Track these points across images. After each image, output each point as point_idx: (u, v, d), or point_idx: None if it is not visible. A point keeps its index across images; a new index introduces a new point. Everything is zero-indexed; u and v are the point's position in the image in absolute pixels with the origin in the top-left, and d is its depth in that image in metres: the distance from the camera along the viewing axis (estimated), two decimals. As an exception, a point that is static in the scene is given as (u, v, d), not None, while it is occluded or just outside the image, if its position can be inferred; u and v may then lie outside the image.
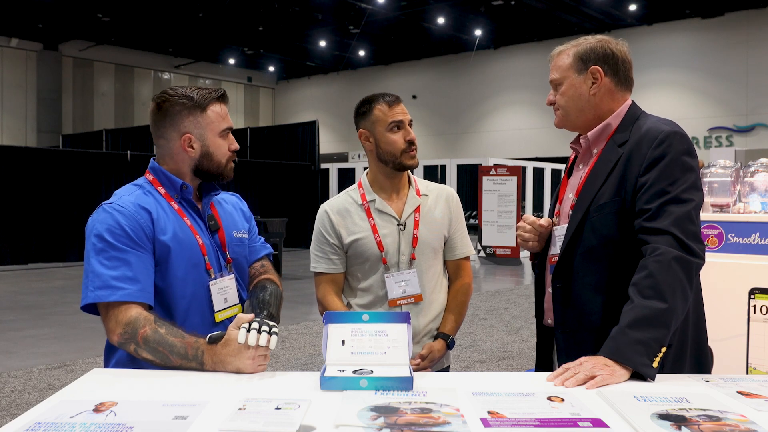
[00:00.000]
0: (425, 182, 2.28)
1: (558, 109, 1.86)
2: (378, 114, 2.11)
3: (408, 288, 2.12)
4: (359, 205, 2.17)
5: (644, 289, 1.56)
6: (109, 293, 1.63)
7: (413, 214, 2.16)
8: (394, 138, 2.09)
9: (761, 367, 2.61)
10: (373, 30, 21.32)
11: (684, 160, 1.66)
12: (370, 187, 2.19)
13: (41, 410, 1.27)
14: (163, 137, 1.80)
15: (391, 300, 2.11)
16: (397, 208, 2.16)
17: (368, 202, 2.16)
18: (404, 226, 2.14)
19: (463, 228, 2.27)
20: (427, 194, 2.22)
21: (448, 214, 2.22)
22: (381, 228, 2.13)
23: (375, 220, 2.14)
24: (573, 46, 1.83)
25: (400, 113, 2.10)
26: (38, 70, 23.66)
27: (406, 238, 2.13)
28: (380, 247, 2.12)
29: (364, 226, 2.13)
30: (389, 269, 2.12)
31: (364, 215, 2.15)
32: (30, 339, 6.23)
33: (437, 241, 2.18)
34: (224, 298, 1.83)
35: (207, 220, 1.85)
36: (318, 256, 2.19)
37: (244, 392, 1.38)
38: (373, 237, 2.12)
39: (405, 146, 2.10)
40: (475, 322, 7.24)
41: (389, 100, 2.12)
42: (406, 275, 2.12)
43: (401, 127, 2.10)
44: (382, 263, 2.12)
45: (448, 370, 2.26)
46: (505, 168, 13.13)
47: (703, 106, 20.08)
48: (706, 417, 1.23)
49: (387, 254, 2.12)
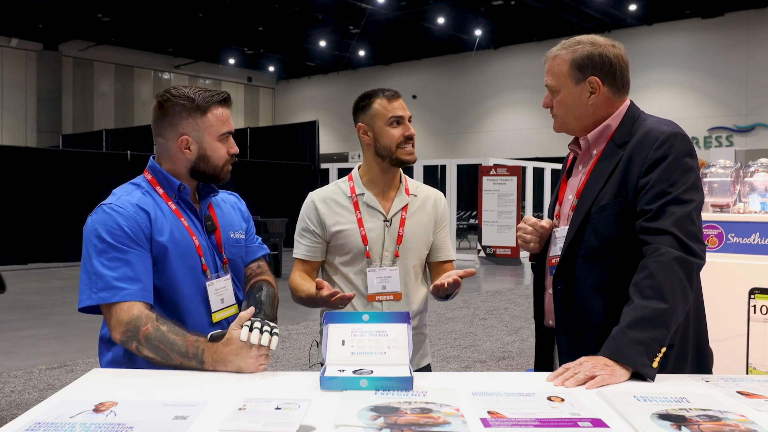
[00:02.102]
0: (415, 183, 2.28)
1: (556, 116, 1.85)
2: (378, 108, 2.11)
3: (388, 285, 2.11)
4: (347, 197, 2.17)
5: (645, 289, 1.56)
6: (112, 294, 1.64)
7: (401, 212, 2.16)
8: (393, 132, 2.10)
9: (761, 367, 2.61)
10: (373, 30, 21.32)
11: (685, 161, 1.66)
12: (360, 180, 2.19)
13: (41, 410, 1.27)
14: (162, 136, 1.80)
15: (370, 295, 2.11)
16: (385, 204, 2.16)
17: (357, 195, 2.16)
18: (390, 223, 2.14)
19: (447, 232, 2.26)
20: (416, 195, 2.22)
21: (435, 216, 2.22)
22: (367, 222, 2.13)
23: (362, 214, 2.14)
24: (569, 50, 1.78)
25: (399, 108, 2.11)
26: (38, 70, 23.64)
27: (391, 235, 2.13)
28: (365, 241, 2.11)
29: (350, 218, 2.14)
30: (371, 264, 2.12)
31: (352, 207, 2.15)
32: (30, 339, 6.23)
33: (422, 241, 2.18)
34: (221, 299, 1.83)
35: (204, 221, 1.85)
36: (298, 242, 2.19)
37: (244, 392, 1.38)
38: (358, 230, 2.12)
39: (403, 141, 2.10)
40: (475, 322, 7.23)
41: (389, 95, 2.12)
42: (388, 272, 2.11)
43: (401, 122, 2.10)
44: (366, 257, 2.12)
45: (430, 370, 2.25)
46: (505, 168, 13.14)
47: (703, 106, 20.07)
48: (706, 417, 1.23)
49: (371, 249, 2.12)
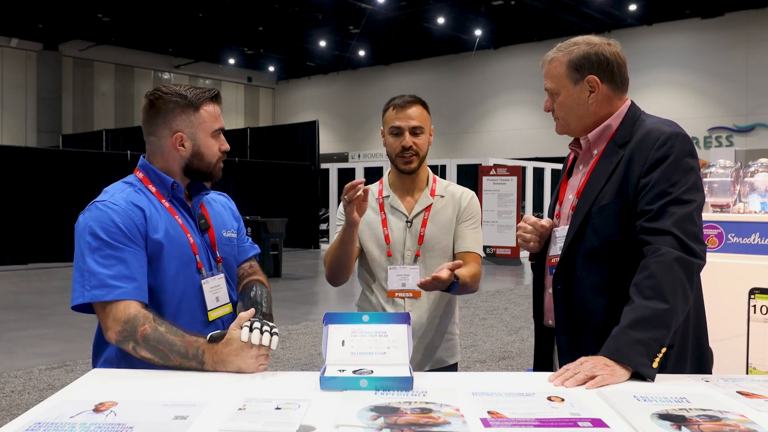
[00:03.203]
0: (445, 183, 2.32)
1: (558, 118, 1.85)
2: (387, 117, 2.23)
3: (407, 283, 2.19)
4: (375, 199, 2.28)
5: (645, 289, 1.56)
6: (106, 292, 1.62)
7: (423, 212, 2.24)
8: (391, 141, 2.21)
9: (761, 367, 2.61)
10: (373, 30, 21.32)
11: (686, 161, 1.66)
12: (388, 184, 2.30)
13: (41, 410, 1.27)
14: (155, 134, 1.80)
15: (390, 291, 2.20)
16: (408, 205, 2.25)
17: (383, 198, 2.27)
18: (411, 224, 2.23)
19: (471, 226, 2.26)
20: (443, 195, 2.27)
21: (457, 212, 2.25)
22: (390, 222, 2.24)
23: (386, 215, 2.25)
24: (565, 52, 1.78)
25: (403, 119, 2.17)
26: (38, 70, 23.64)
27: (413, 235, 2.22)
28: (387, 240, 2.22)
29: (376, 218, 2.25)
30: (393, 262, 2.21)
31: (378, 209, 2.26)
32: (30, 339, 6.23)
33: (445, 241, 2.23)
34: (216, 297, 1.83)
35: (197, 219, 1.85)
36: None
37: (244, 392, 1.38)
38: (381, 230, 2.23)
39: (401, 151, 2.18)
40: (475, 322, 7.24)
41: (398, 104, 2.20)
42: (408, 270, 2.20)
43: (400, 134, 2.17)
44: (387, 255, 2.21)
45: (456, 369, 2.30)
46: (505, 168, 13.15)
47: (703, 106, 20.07)
48: (706, 417, 1.23)
49: (392, 248, 2.21)
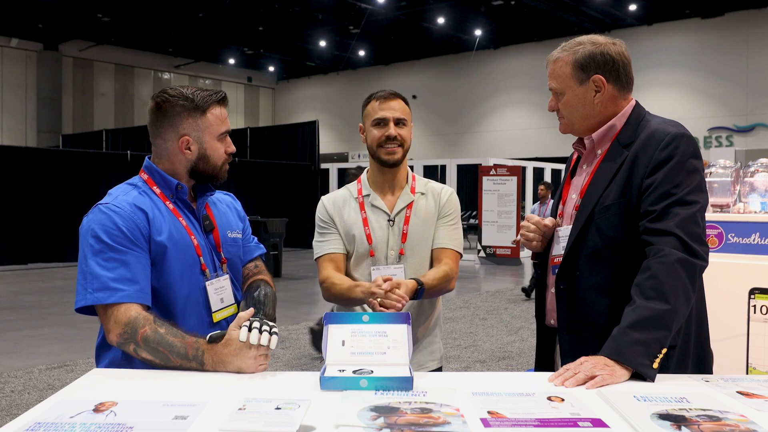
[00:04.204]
0: (425, 181, 2.28)
1: (562, 117, 1.85)
2: (369, 109, 2.17)
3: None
4: (354, 199, 2.22)
5: (647, 290, 1.56)
6: (108, 295, 1.62)
7: (405, 210, 2.18)
8: (374, 132, 2.14)
9: (761, 367, 2.61)
10: (373, 30, 21.31)
11: (690, 162, 1.66)
12: (367, 182, 2.24)
13: (41, 410, 1.27)
14: (161, 137, 1.79)
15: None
16: (389, 203, 2.19)
17: (363, 196, 2.21)
18: (393, 222, 2.17)
19: (450, 223, 2.21)
20: (424, 192, 2.23)
21: (437, 209, 2.21)
22: (371, 222, 2.17)
23: (366, 214, 2.17)
24: (570, 52, 1.78)
25: (386, 110, 2.13)
26: (38, 70, 23.64)
27: (395, 233, 2.16)
28: (369, 240, 2.15)
29: (356, 218, 2.18)
30: (376, 263, 2.14)
31: (358, 208, 2.19)
32: (30, 339, 6.23)
33: (427, 238, 2.18)
34: (221, 298, 1.83)
35: (202, 221, 1.85)
36: (318, 242, 2.21)
37: (244, 392, 1.38)
38: (363, 229, 2.16)
39: (384, 141, 2.12)
40: (475, 322, 7.24)
41: (381, 96, 2.16)
42: (393, 270, 2.12)
43: (385, 124, 2.13)
44: (370, 255, 2.15)
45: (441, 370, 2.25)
46: (505, 168, 13.15)
47: (703, 106, 20.06)
48: (706, 417, 1.23)
49: (375, 248, 2.15)
